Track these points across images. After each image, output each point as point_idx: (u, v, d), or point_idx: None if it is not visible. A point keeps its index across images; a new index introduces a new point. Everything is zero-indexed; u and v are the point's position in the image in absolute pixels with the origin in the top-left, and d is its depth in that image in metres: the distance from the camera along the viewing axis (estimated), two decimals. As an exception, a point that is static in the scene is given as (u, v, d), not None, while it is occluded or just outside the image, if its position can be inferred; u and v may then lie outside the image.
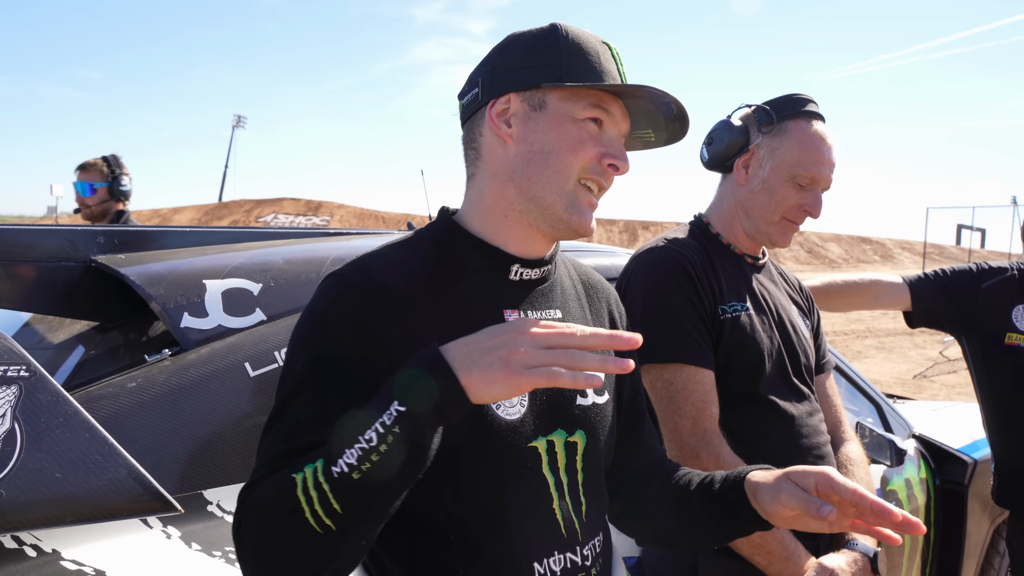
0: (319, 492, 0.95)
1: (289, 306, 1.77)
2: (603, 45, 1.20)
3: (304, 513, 0.95)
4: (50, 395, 1.12)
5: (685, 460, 1.63)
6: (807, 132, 1.79)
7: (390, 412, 0.94)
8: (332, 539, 0.96)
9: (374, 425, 0.95)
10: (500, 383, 0.94)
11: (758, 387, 1.74)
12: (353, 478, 0.94)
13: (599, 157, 1.16)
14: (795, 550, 1.61)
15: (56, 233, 1.87)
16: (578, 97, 1.16)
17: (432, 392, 0.94)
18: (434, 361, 0.96)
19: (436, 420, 0.95)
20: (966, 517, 2.98)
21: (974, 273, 2.70)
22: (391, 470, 0.94)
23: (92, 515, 1.13)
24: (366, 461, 0.93)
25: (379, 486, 0.95)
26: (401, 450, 0.94)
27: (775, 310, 1.85)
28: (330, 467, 0.95)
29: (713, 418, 1.66)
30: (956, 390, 9.80)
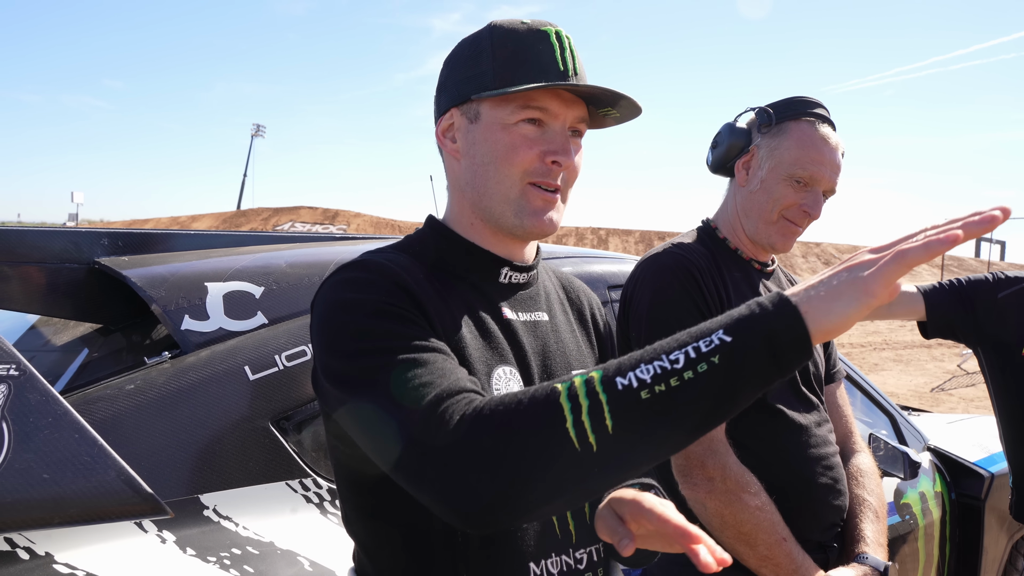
0: (591, 401, 0.84)
1: (291, 310, 1.76)
2: (540, 34, 1.15)
3: (565, 422, 0.84)
4: (39, 395, 1.11)
5: (690, 469, 1.60)
6: (806, 132, 1.75)
7: (710, 339, 0.83)
8: (586, 460, 0.84)
9: (685, 348, 0.84)
10: (847, 294, 0.83)
11: (765, 396, 1.70)
12: (640, 395, 0.82)
13: (540, 157, 1.14)
14: (803, 563, 1.58)
15: (60, 235, 1.87)
16: (506, 102, 1.14)
17: (765, 322, 0.83)
18: (770, 297, 0.85)
19: (764, 361, 0.82)
20: (983, 533, 2.92)
21: (990, 283, 2.65)
22: (687, 402, 0.82)
23: (80, 517, 1.11)
24: (662, 382, 0.82)
25: (665, 414, 0.82)
26: (710, 382, 0.82)
27: None
28: (614, 378, 0.84)
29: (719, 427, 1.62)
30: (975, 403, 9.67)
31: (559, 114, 1.15)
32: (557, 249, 2.37)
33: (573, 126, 1.18)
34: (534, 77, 1.13)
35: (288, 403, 1.63)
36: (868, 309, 0.83)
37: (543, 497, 0.86)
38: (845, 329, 0.84)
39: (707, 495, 1.58)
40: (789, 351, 0.82)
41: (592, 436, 0.83)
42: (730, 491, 1.56)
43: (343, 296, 1.06)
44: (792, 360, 0.82)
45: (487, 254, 1.21)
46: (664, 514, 0.99)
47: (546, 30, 1.16)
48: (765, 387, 0.83)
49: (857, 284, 0.83)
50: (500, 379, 1.15)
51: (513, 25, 1.17)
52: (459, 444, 0.88)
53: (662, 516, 0.99)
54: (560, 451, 0.84)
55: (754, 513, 1.56)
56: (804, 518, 1.66)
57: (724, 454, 1.59)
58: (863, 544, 1.70)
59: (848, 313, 0.83)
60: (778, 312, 0.83)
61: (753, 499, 1.57)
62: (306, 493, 1.60)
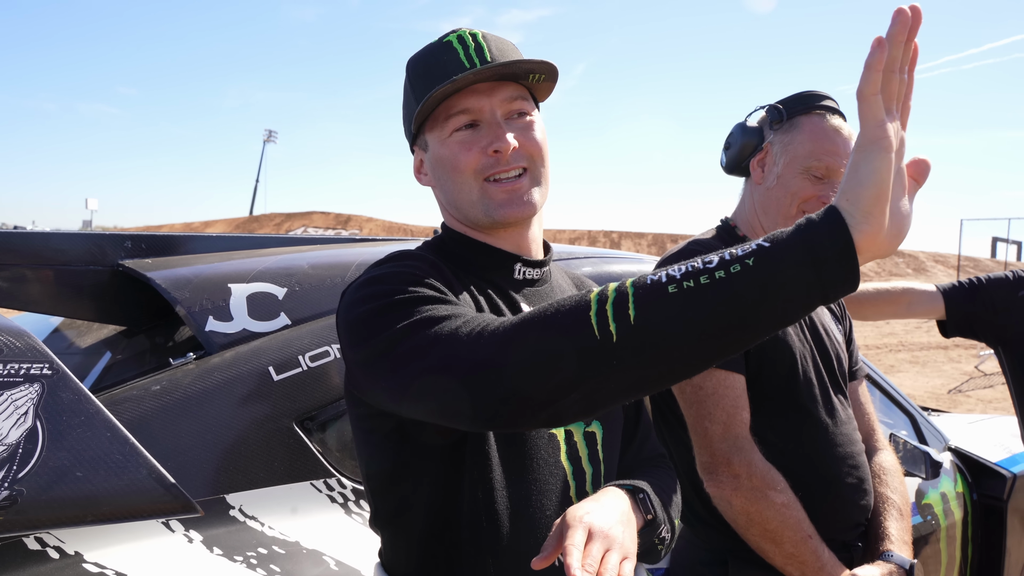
0: (618, 293, 0.83)
1: (314, 311, 1.77)
2: (443, 46, 1.20)
3: (588, 310, 0.84)
4: (72, 393, 1.12)
5: (716, 466, 1.60)
6: (819, 125, 1.75)
7: (750, 245, 0.82)
8: (604, 349, 0.83)
9: (722, 253, 0.82)
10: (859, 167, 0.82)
11: (791, 393, 1.69)
12: (667, 289, 0.81)
13: (481, 153, 1.17)
14: (829, 561, 1.57)
15: (84, 238, 1.89)
16: (436, 122, 1.20)
17: (804, 226, 0.81)
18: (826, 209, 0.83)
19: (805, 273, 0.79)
20: (1006, 534, 2.89)
21: (1011, 281, 2.63)
22: (716, 302, 0.79)
23: (112, 515, 1.12)
24: (692, 279, 0.81)
25: (691, 311, 0.80)
26: (744, 284, 0.79)
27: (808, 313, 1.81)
28: (646, 276, 0.84)
29: (744, 423, 1.62)
30: (992, 404, 9.59)
31: (482, 107, 1.18)
32: (576, 250, 2.38)
33: (511, 109, 1.20)
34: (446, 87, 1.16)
35: (312, 403, 1.64)
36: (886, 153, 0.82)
37: (565, 387, 0.86)
38: (885, 188, 0.82)
39: (733, 492, 1.57)
40: (831, 257, 0.79)
41: (613, 325, 0.82)
42: (756, 488, 1.56)
43: (376, 273, 1.11)
44: (833, 268, 0.79)
45: (498, 251, 1.25)
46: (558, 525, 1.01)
47: (448, 39, 1.20)
48: (804, 302, 0.81)
49: (861, 146, 0.83)
50: None
51: (420, 51, 1.24)
52: (484, 349, 0.90)
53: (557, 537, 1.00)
54: (579, 339, 0.83)
55: (780, 511, 1.56)
56: (829, 517, 1.65)
57: (750, 451, 1.59)
58: (888, 542, 1.70)
59: (874, 169, 0.82)
60: (822, 217, 0.82)
61: (779, 496, 1.56)
62: (331, 493, 1.61)
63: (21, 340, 1.15)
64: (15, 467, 1.05)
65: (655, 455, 1.42)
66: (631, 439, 1.41)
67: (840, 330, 1.93)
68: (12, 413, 1.07)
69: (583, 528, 1.00)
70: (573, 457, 1.21)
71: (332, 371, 1.67)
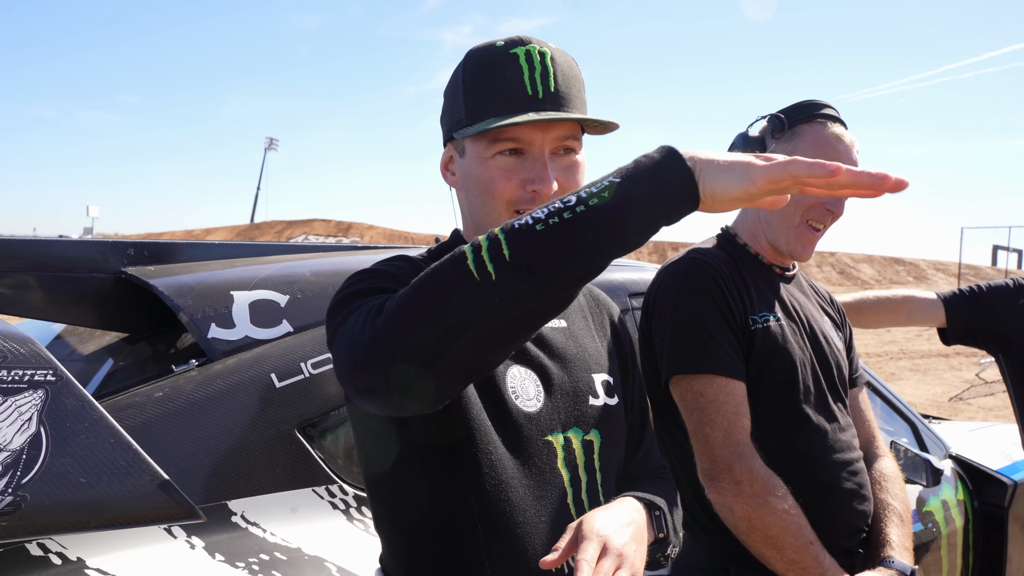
0: (490, 240, 0.89)
1: (316, 318, 1.78)
2: (509, 58, 1.15)
3: (466, 260, 0.88)
4: (76, 400, 1.12)
5: (717, 473, 1.60)
6: (820, 133, 1.75)
7: (601, 182, 0.90)
8: (486, 288, 0.87)
9: (578, 191, 0.90)
10: (737, 170, 0.88)
11: (791, 399, 1.70)
12: (535, 228, 0.87)
13: (520, 186, 1.15)
14: (830, 567, 1.57)
15: (87, 245, 1.89)
16: (482, 137, 1.16)
17: (653, 168, 0.89)
18: (659, 148, 0.92)
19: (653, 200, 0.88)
20: (1007, 541, 2.89)
21: (1011, 288, 2.63)
22: (579, 230, 0.87)
23: (116, 521, 1.12)
24: (556, 216, 0.87)
25: (560, 242, 0.87)
26: (602, 214, 0.87)
27: (806, 321, 1.81)
28: (512, 222, 0.90)
29: (745, 430, 1.62)
30: (994, 412, 9.58)
31: (534, 141, 1.15)
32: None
33: (558, 145, 1.17)
34: (500, 108, 1.14)
35: (314, 410, 1.64)
36: (744, 196, 0.89)
37: (448, 332, 0.88)
38: (719, 204, 0.90)
39: (734, 499, 1.57)
40: (675, 189, 0.88)
41: (491, 265, 0.87)
42: (757, 495, 1.56)
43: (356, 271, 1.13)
44: (678, 199, 0.88)
45: None
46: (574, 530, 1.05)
47: (515, 52, 1.16)
48: (652, 223, 0.89)
49: (748, 169, 0.88)
50: (516, 378, 1.19)
51: (485, 52, 1.18)
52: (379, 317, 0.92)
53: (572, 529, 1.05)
54: (461, 284, 0.87)
55: (781, 517, 1.56)
56: (829, 523, 1.65)
57: (751, 457, 1.59)
58: (889, 548, 1.70)
59: (728, 187, 0.89)
60: (664, 156, 0.90)
61: (780, 502, 1.56)
62: (332, 499, 1.61)
63: (25, 347, 1.15)
64: (19, 472, 1.06)
65: (658, 467, 1.43)
66: (635, 449, 1.41)
67: (840, 337, 1.94)
68: (16, 419, 1.08)
69: (598, 542, 1.02)
70: (570, 464, 1.21)
71: (334, 378, 1.68)
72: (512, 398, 1.18)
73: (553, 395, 1.22)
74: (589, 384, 1.27)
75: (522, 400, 1.19)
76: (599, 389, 1.28)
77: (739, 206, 0.92)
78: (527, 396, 1.19)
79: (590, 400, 1.26)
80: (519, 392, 1.19)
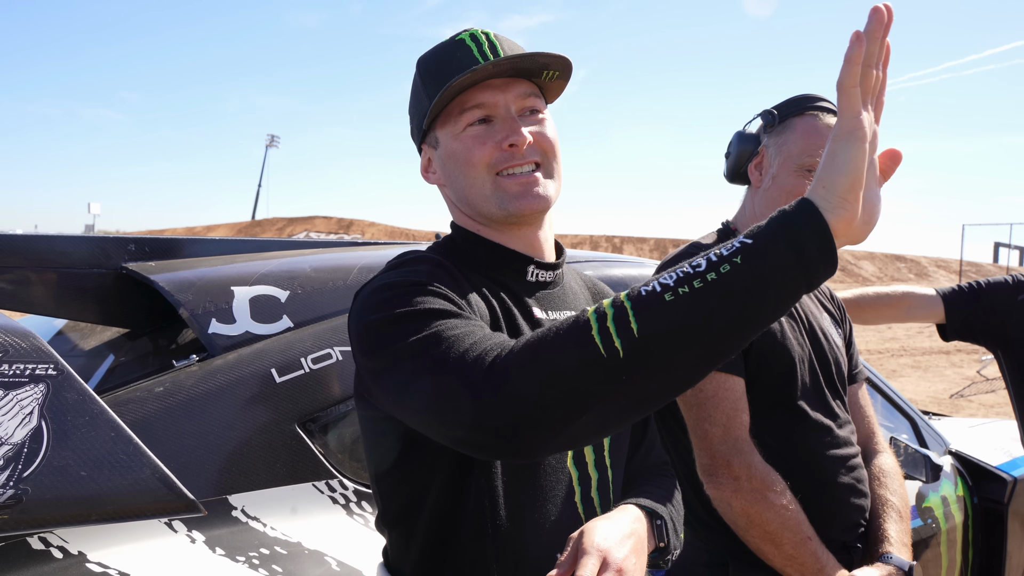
0: (616, 309, 0.85)
1: (316, 313, 1.78)
2: (455, 44, 1.21)
3: (591, 330, 0.84)
4: (77, 394, 1.13)
5: (716, 468, 1.61)
6: (811, 123, 1.77)
7: (731, 244, 0.85)
8: (613, 366, 0.83)
9: (707, 255, 0.85)
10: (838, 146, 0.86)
11: (789, 396, 1.70)
12: (664, 298, 0.83)
13: (496, 147, 1.18)
14: (828, 563, 1.58)
15: (88, 241, 1.90)
16: (449, 117, 1.20)
17: (783, 220, 0.85)
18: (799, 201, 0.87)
19: (787, 258, 0.83)
20: (1006, 537, 2.89)
21: (1010, 285, 2.64)
22: (712, 301, 0.82)
23: (116, 514, 1.13)
24: (685, 284, 0.83)
25: (690, 315, 0.82)
26: (734, 281, 0.82)
27: (805, 318, 1.82)
28: (638, 289, 0.86)
29: (744, 426, 1.63)
30: (995, 410, 9.58)
31: (496, 102, 1.19)
32: (577, 253, 2.39)
33: (523, 106, 1.21)
34: None
35: (314, 405, 1.64)
36: (862, 143, 0.86)
37: (576, 408, 0.85)
38: (859, 177, 0.86)
39: (733, 494, 1.58)
40: (810, 245, 0.83)
41: (618, 341, 0.83)
42: (756, 490, 1.57)
43: (388, 280, 1.11)
44: (814, 255, 0.83)
45: (510, 252, 1.24)
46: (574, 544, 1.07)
47: (460, 37, 1.21)
48: (791, 289, 0.84)
49: (839, 136, 0.86)
50: None
51: (432, 49, 1.24)
52: (493, 377, 0.89)
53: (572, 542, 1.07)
54: (587, 359, 0.84)
55: (779, 512, 1.57)
56: (826, 518, 1.66)
57: (749, 453, 1.60)
58: (887, 544, 1.70)
59: (851, 158, 0.85)
60: (797, 208, 0.86)
61: (778, 498, 1.57)
62: (332, 494, 1.61)
63: (26, 341, 1.16)
64: (20, 466, 1.06)
65: (660, 462, 1.43)
66: (639, 446, 1.41)
67: (840, 334, 1.94)
68: (17, 413, 1.08)
69: (598, 557, 1.03)
70: (579, 462, 1.21)
71: (334, 373, 1.68)
72: None
73: None
74: None
75: None
76: None
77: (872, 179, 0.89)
78: None
79: None
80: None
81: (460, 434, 0.93)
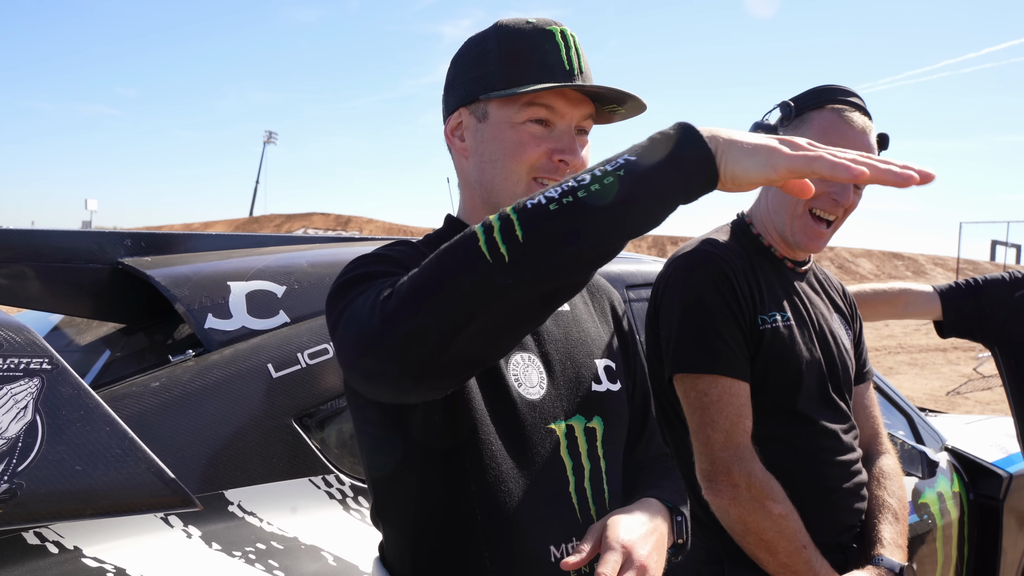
0: (502, 221, 0.87)
1: (313, 309, 1.78)
2: (545, 33, 1.18)
3: (478, 242, 0.86)
4: (72, 388, 1.13)
5: (716, 475, 1.58)
6: (828, 119, 1.67)
7: (615, 159, 0.88)
8: (500, 270, 0.85)
9: (592, 169, 0.88)
10: (760, 155, 0.88)
11: (794, 402, 1.67)
12: (548, 208, 0.86)
13: (548, 155, 1.17)
14: (821, 569, 1.57)
15: (84, 236, 1.89)
16: (513, 101, 1.17)
17: (668, 144, 0.88)
18: (675, 124, 0.90)
19: (670, 176, 0.87)
20: (1002, 533, 2.90)
21: (1007, 282, 2.64)
22: (594, 208, 0.85)
23: (111, 509, 1.13)
24: (570, 195, 0.86)
25: (574, 221, 0.85)
26: (617, 192, 0.85)
27: (816, 320, 1.78)
28: (524, 201, 0.88)
29: (746, 432, 1.60)
30: (991, 407, 9.60)
31: (565, 113, 1.18)
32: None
33: (579, 125, 1.20)
34: (540, 77, 1.15)
35: (310, 400, 1.64)
36: (764, 181, 0.88)
37: (462, 317, 0.86)
38: (738, 186, 0.89)
39: (731, 502, 1.56)
40: (692, 165, 0.87)
41: (503, 247, 0.85)
42: (754, 499, 1.55)
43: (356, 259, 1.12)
44: (695, 174, 0.87)
45: None
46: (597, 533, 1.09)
47: (551, 29, 1.19)
48: (669, 201, 0.88)
49: (772, 155, 0.88)
50: (518, 365, 1.19)
51: (519, 25, 1.20)
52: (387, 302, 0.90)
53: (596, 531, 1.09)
54: (472, 267, 0.86)
55: (776, 521, 1.55)
56: (824, 522, 1.65)
57: (750, 461, 1.57)
58: (879, 546, 1.69)
59: (749, 171, 0.88)
60: (681, 132, 0.89)
61: (776, 507, 1.55)
62: (329, 489, 1.61)
63: (21, 335, 1.16)
64: (14, 461, 1.06)
65: (661, 454, 1.43)
66: (639, 436, 1.41)
67: (849, 335, 1.90)
68: (12, 407, 1.08)
69: (621, 554, 1.04)
70: (573, 452, 1.20)
71: (331, 368, 1.68)
72: (515, 386, 1.17)
73: (556, 382, 1.22)
74: (592, 370, 1.27)
75: (525, 388, 1.18)
76: (602, 375, 1.28)
77: (758, 187, 0.91)
78: (530, 383, 1.19)
79: (593, 386, 1.25)
80: (522, 380, 1.18)
81: (362, 365, 0.92)
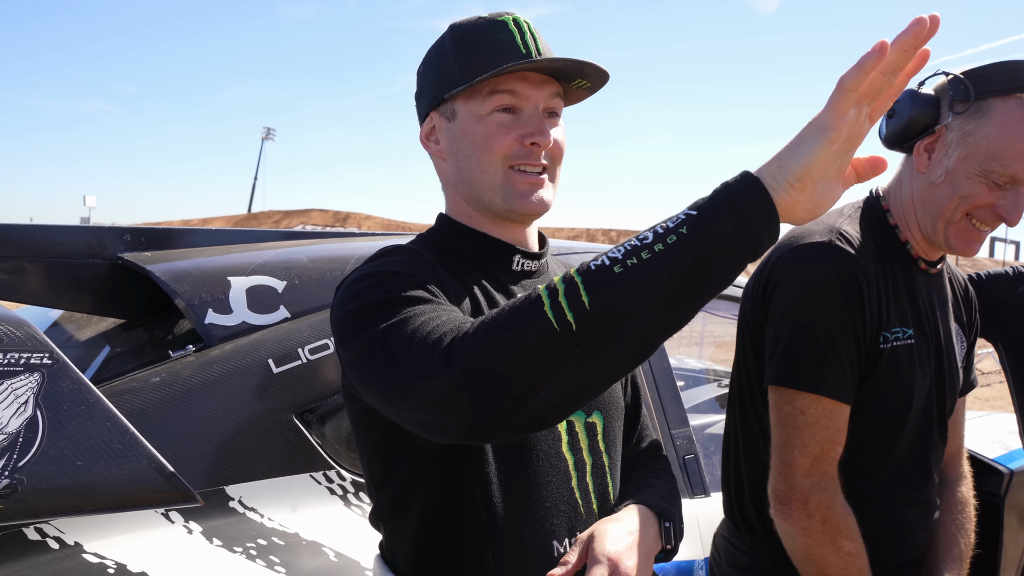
0: (567, 284, 0.86)
1: (313, 304, 1.77)
2: (498, 24, 1.19)
3: (543, 306, 0.85)
4: (72, 383, 1.12)
5: (791, 500, 1.45)
6: (1015, 116, 1.38)
7: (677, 216, 0.87)
8: (566, 339, 0.84)
9: (654, 227, 0.87)
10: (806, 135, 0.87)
11: (894, 429, 1.54)
12: (613, 271, 0.85)
13: (518, 141, 1.17)
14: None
15: (84, 231, 1.89)
16: (476, 94, 1.17)
17: (726, 192, 0.87)
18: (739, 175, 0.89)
19: (730, 226, 0.85)
20: (1003, 530, 2.90)
21: (1010, 277, 2.62)
22: (660, 272, 0.84)
23: (112, 504, 1.12)
24: (633, 256, 0.85)
25: (640, 286, 0.84)
26: (681, 251, 0.84)
27: (938, 334, 1.60)
28: (588, 264, 0.87)
29: (835, 460, 1.46)
30: (990, 403, 9.61)
31: (530, 96, 1.18)
32: (575, 245, 2.38)
33: (547, 107, 1.20)
34: (497, 64, 1.15)
35: (311, 396, 1.64)
36: (831, 143, 0.86)
37: (532, 384, 0.86)
38: (815, 170, 0.87)
39: (800, 531, 1.45)
40: (753, 214, 0.85)
41: (570, 314, 0.84)
42: (827, 532, 1.43)
43: (365, 270, 1.11)
44: (757, 223, 0.86)
45: (496, 241, 1.24)
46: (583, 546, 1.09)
47: (503, 19, 1.19)
48: (737, 256, 0.86)
49: (814, 125, 0.87)
50: None
51: (471, 21, 1.21)
52: (450, 357, 0.89)
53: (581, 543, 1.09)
54: (540, 334, 0.85)
55: (845, 559, 1.44)
56: (885, 555, 1.54)
57: (833, 492, 1.45)
58: None
59: (812, 151, 0.86)
60: (738, 182, 0.88)
61: (848, 544, 1.44)
62: (330, 485, 1.61)
63: (21, 330, 1.15)
64: (15, 456, 1.06)
65: (652, 446, 1.43)
66: (631, 431, 1.40)
67: (963, 347, 1.74)
68: (12, 402, 1.08)
69: (607, 566, 1.05)
70: (574, 448, 1.20)
71: (331, 364, 1.67)
72: None
73: None
74: None
75: None
76: None
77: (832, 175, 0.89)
78: None
79: None
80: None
81: (421, 416, 0.93)
